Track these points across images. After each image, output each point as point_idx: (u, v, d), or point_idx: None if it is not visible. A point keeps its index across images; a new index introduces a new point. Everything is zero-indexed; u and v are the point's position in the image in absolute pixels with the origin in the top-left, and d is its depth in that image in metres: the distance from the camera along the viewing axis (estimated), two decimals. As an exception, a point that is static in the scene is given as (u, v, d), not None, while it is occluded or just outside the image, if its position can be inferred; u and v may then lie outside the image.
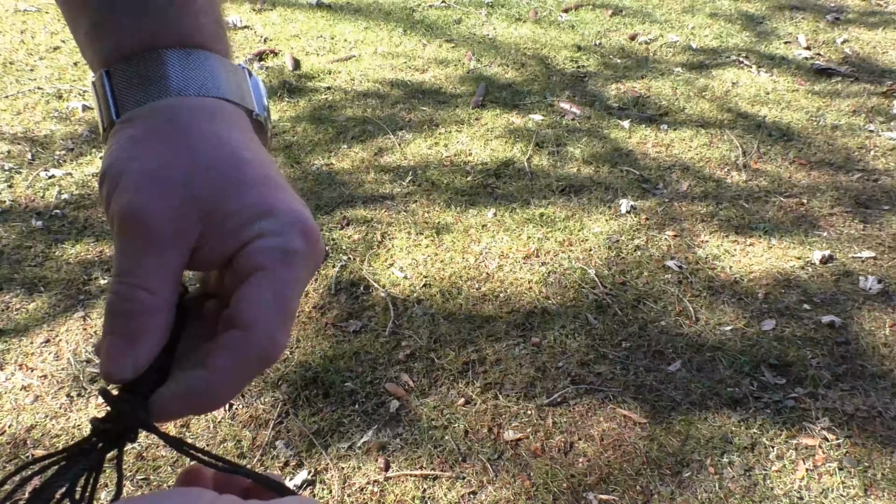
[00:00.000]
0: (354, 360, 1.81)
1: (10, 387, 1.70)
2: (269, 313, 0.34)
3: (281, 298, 0.34)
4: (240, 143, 0.37)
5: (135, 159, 0.35)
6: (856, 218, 2.42)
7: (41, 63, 3.08)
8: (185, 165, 0.35)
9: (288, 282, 0.34)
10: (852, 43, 3.71)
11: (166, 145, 0.35)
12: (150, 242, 0.33)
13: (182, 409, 0.34)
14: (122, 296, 0.34)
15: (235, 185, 0.35)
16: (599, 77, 3.32)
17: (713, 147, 2.80)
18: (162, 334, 0.34)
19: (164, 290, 0.34)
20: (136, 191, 0.34)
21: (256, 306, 0.34)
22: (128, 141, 0.36)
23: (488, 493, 1.52)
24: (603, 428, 1.67)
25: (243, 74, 0.41)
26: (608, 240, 2.26)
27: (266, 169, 0.37)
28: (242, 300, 0.34)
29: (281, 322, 0.34)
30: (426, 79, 3.21)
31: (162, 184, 0.34)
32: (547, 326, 1.93)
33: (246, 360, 0.33)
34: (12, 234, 2.16)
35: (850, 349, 1.89)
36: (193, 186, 0.34)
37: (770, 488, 1.55)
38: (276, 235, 0.35)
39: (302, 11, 3.80)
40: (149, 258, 0.34)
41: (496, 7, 4.02)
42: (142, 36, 0.38)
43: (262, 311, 0.34)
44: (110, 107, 0.38)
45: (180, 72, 0.38)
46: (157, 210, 0.33)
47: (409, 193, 2.44)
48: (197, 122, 0.36)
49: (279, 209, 0.35)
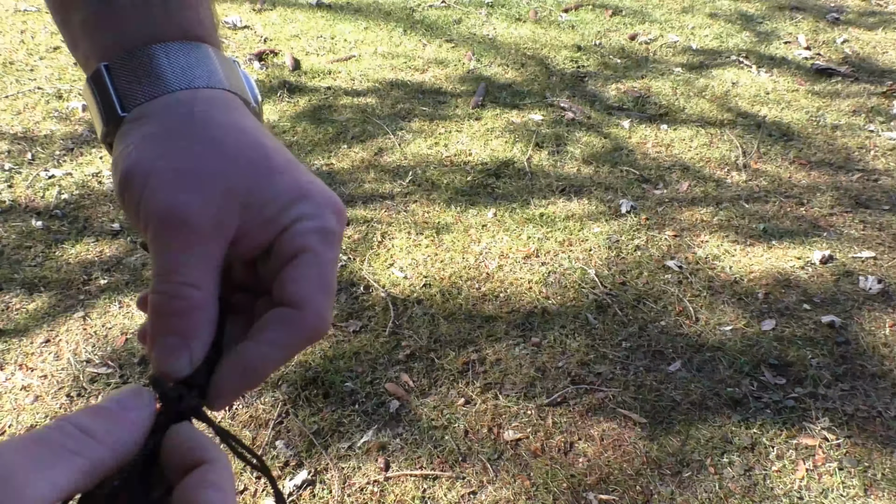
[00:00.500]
0: (354, 360, 1.81)
1: (10, 387, 1.70)
2: (317, 291, 0.35)
3: (325, 277, 0.35)
4: (260, 132, 0.37)
5: (161, 157, 0.34)
6: (856, 218, 2.42)
7: (41, 63, 3.08)
8: (216, 158, 0.35)
9: (330, 260, 0.36)
10: (852, 43, 3.71)
11: (190, 140, 0.35)
12: (194, 239, 0.33)
13: (238, 386, 0.35)
14: (171, 294, 0.33)
15: (266, 172, 0.36)
16: (599, 77, 3.32)
17: (713, 147, 2.80)
18: (212, 328, 0.34)
19: (210, 284, 0.34)
20: (174, 189, 0.33)
21: (306, 285, 0.35)
22: (147, 139, 0.35)
23: (488, 493, 1.52)
24: (603, 428, 1.67)
25: (237, 67, 0.42)
26: (608, 240, 2.26)
27: (288, 154, 0.38)
28: (290, 281, 0.35)
29: (327, 299, 0.35)
30: (426, 79, 3.21)
31: (198, 179, 0.34)
32: (547, 326, 1.93)
33: (297, 335, 0.34)
34: (12, 234, 2.16)
35: (850, 349, 1.89)
36: (228, 178, 0.34)
37: (770, 488, 1.55)
38: (314, 218, 0.36)
39: (302, 11, 3.80)
40: (192, 255, 0.33)
41: (496, 7, 4.02)
42: (144, 29, 0.37)
43: (312, 289, 0.35)
44: (114, 102, 0.37)
45: (186, 65, 0.37)
46: (198, 206, 0.33)
47: (409, 193, 2.44)
48: (215, 114, 0.36)
49: (312, 192, 0.36)
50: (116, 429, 0.29)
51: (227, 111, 0.37)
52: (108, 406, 0.30)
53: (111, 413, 0.30)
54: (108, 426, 0.29)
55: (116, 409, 0.30)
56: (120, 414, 0.30)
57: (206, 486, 0.30)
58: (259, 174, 0.35)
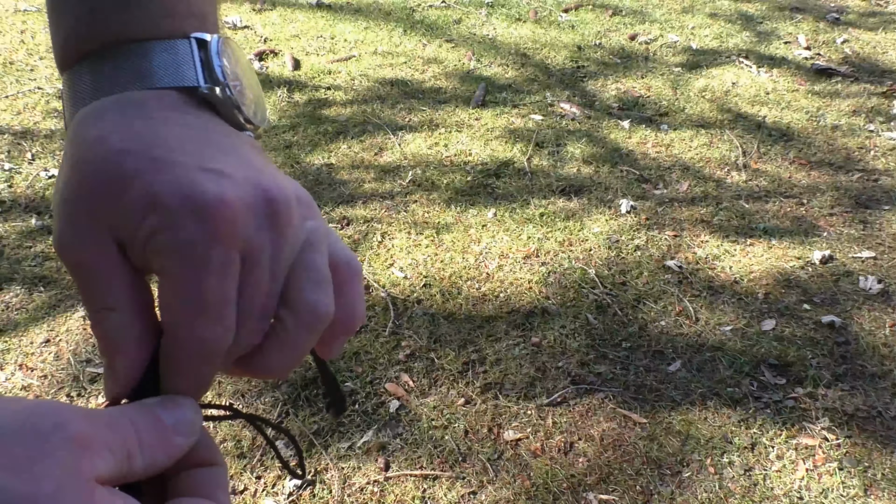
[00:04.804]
0: (354, 360, 1.81)
1: (10, 387, 1.70)
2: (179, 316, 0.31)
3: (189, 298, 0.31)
4: (125, 135, 0.32)
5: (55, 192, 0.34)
6: (856, 218, 2.42)
7: (41, 63, 3.08)
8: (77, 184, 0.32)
9: (190, 279, 0.30)
10: (852, 43, 3.71)
11: (64, 166, 0.33)
12: (86, 270, 0.32)
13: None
14: (93, 321, 0.33)
15: (118, 187, 0.31)
16: (599, 77, 3.32)
17: (713, 147, 2.80)
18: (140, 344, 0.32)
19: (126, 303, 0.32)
20: (58, 226, 0.32)
21: (167, 313, 0.32)
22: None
23: (488, 493, 1.52)
24: (603, 428, 1.67)
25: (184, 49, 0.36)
26: (608, 240, 2.26)
27: (158, 151, 0.32)
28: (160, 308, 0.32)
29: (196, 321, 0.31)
30: (426, 79, 3.21)
31: (69, 210, 0.32)
32: (547, 326, 1.93)
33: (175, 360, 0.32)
34: (12, 233, 2.15)
35: (850, 349, 1.89)
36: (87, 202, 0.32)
37: (770, 488, 1.55)
38: (165, 230, 0.30)
39: (302, 11, 3.80)
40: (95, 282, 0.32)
41: (496, 7, 4.02)
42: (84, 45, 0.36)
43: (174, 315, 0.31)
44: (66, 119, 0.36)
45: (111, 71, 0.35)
46: (71, 241, 0.32)
47: (409, 193, 2.44)
48: (84, 130, 0.33)
49: (162, 196, 0.30)
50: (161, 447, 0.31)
51: (98, 120, 0.33)
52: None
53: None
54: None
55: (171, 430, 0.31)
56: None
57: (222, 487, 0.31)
58: (111, 190, 0.31)
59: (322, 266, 0.34)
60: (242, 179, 0.32)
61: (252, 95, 0.39)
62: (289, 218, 0.33)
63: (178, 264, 0.30)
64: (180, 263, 0.30)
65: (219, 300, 0.31)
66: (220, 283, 0.31)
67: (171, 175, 0.31)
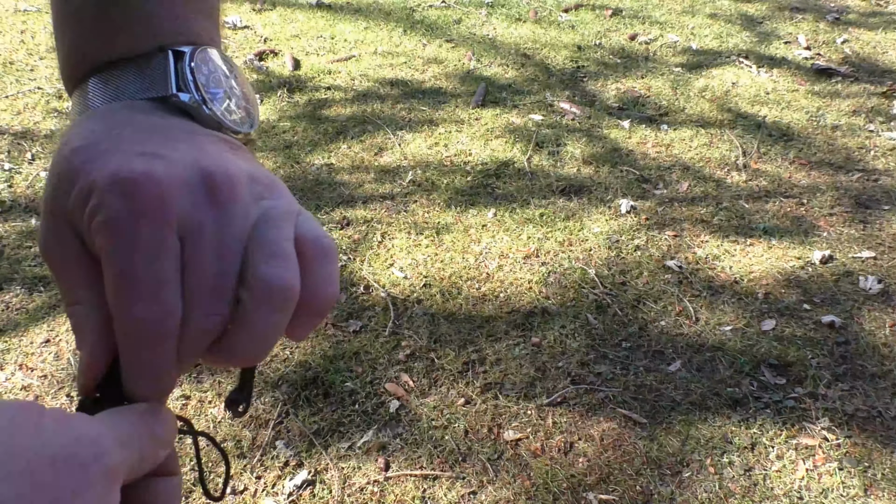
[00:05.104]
0: (354, 360, 1.81)
1: (10, 387, 1.70)
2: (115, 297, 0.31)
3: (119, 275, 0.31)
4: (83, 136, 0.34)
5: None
6: (856, 218, 2.42)
7: (41, 63, 3.08)
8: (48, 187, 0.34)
9: (118, 255, 0.31)
10: (852, 43, 3.71)
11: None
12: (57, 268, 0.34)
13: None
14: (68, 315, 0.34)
15: (67, 177, 0.33)
16: (599, 77, 3.32)
17: (713, 147, 2.80)
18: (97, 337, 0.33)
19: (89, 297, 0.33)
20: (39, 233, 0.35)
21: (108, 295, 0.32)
22: None
23: (488, 493, 1.52)
24: (603, 428, 1.66)
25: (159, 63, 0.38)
26: (608, 240, 2.26)
27: (106, 144, 0.33)
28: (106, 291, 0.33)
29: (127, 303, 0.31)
30: (426, 79, 3.21)
31: (43, 215, 0.35)
32: (547, 326, 1.93)
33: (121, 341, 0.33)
34: (12, 233, 2.15)
35: (850, 349, 1.89)
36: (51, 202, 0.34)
37: (770, 488, 1.55)
38: (99, 210, 0.31)
39: (302, 11, 3.80)
40: (64, 279, 0.34)
41: (496, 7, 4.02)
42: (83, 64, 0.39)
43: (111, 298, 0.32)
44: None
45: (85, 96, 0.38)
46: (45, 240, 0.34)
47: (408, 193, 2.44)
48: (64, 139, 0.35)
49: (96, 177, 0.31)
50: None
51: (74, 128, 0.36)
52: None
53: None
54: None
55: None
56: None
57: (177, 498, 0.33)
58: (64, 186, 0.33)
59: (279, 240, 0.33)
60: (178, 159, 0.33)
61: (234, 101, 0.40)
62: (232, 195, 0.33)
63: (107, 242, 0.31)
64: (108, 240, 0.31)
65: (151, 278, 0.31)
66: (152, 260, 0.31)
67: (111, 161, 0.32)
